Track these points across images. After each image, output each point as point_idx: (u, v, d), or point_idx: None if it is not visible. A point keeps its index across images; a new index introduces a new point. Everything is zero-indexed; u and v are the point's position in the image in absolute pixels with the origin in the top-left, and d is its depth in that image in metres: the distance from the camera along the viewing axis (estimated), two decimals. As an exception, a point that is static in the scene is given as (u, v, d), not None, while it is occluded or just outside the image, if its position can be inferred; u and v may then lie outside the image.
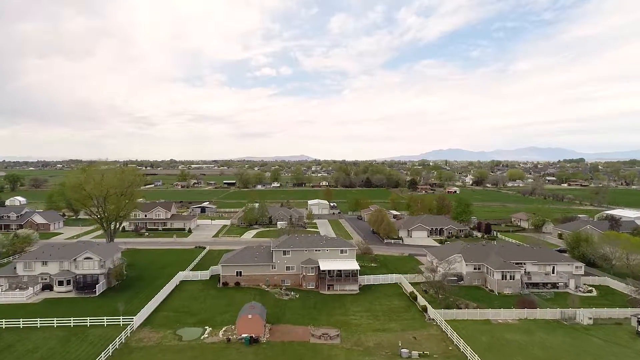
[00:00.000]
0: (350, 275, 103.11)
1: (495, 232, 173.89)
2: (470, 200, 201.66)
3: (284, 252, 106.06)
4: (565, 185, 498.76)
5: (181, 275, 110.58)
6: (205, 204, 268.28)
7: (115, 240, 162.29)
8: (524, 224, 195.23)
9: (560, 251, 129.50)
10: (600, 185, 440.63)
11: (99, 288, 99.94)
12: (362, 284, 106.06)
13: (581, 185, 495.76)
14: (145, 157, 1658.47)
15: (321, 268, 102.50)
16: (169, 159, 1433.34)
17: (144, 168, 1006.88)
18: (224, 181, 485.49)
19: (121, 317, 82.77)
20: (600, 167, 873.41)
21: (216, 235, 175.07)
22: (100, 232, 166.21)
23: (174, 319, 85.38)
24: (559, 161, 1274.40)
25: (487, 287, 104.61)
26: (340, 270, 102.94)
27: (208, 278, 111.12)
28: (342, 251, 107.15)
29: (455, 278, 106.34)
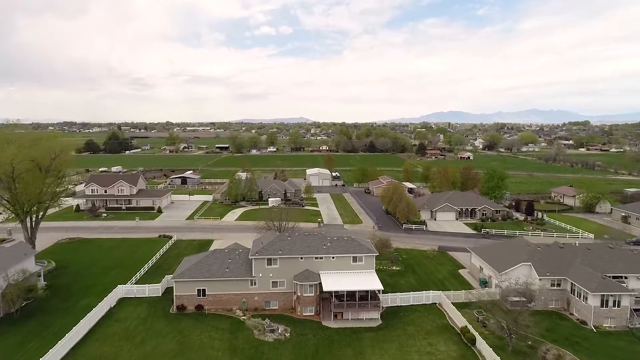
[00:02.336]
0: (368, 298, 68.60)
1: (540, 214, 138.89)
2: (495, 169, 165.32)
3: (269, 262, 71.11)
4: (584, 149, 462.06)
5: (121, 291, 76.07)
6: (188, 173, 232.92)
7: (63, 224, 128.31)
8: (568, 201, 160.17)
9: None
10: (627, 149, 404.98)
11: (-15, 318, 65.55)
12: (385, 305, 71.79)
13: (601, 149, 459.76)
14: (142, 120, 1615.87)
15: (324, 287, 67.72)
16: (165, 121, 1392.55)
17: (137, 130, 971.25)
18: (217, 145, 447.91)
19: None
20: (606, 129, 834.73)
21: (191, 217, 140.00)
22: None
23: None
24: (564, 124, 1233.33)
25: (572, 315, 70.13)
26: (353, 292, 68.44)
27: (160, 294, 76.65)
28: (355, 259, 72.18)
29: (523, 298, 71.80)
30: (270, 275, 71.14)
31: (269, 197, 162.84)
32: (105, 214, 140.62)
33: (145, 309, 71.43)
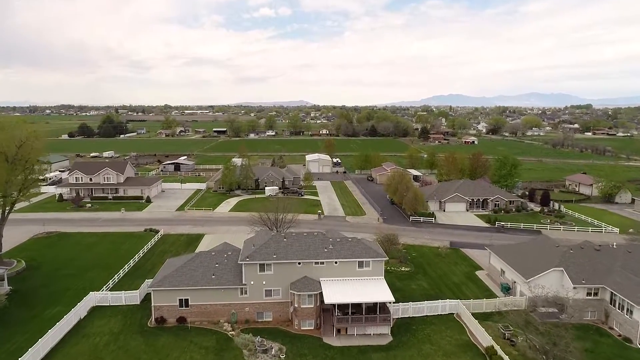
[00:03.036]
0: (376, 310, 59.13)
1: (556, 204, 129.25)
2: (507, 156, 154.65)
3: (262, 267, 61.44)
4: (590, 134, 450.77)
5: (94, 299, 66.60)
6: (182, 159, 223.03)
7: (43, 215, 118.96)
8: (585, 190, 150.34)
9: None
10: (635, 134, 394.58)
11: None
12: (397, 316, 62.36)
13: (607, 134, 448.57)
14: (140, 102, 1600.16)
15: (326, 299, 58.18)
16: (163, 104, 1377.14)
17: (135, 114, 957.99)
18: (214, 129, 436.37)
19: None
20: (609, 112, 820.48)
21: (182, 208, 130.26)
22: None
23: None
24: (566, 107, 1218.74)
25: (613, 330, 60.74)
26: (359, 304, 58.96)
27: (138, 302, 67.21)
28: (361, 264, 62.53)
29: (554, 309, 62.45)
30: (263, 283, 61.58)
31: (265, 186, 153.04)
32: (89, 204, 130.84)
33: (119, 321, 62.00)
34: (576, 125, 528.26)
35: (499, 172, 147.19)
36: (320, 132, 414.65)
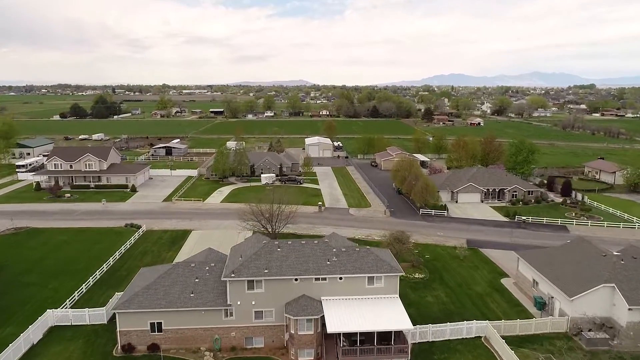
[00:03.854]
0: (390, 338, 48.41)
1: (579, 195, 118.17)
2: (523, 140, 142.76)
3: (251, 285, 50.57)
4: (598, 115, 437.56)
5: (52, 318, 55.94)
6: (175, 142, 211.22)
7: (16, 207, 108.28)
8: (607, 178, 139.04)
9: None
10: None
11: None
12: (414, 341, 51.70)
13: (616, 115, 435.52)
14: (139, 82, 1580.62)
15: (329, 327, 47.37)
16: (161, 84, 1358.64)
17: (132, 93, 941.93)
18: (211, 109, 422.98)
19: None
20: (613, 92, 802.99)
21: (169, 198, 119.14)
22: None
23: None
24: (569, 87, 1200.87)
25: (677, 361, 50.10)
26: (370, 333, 48.21)
27: (105, 321, 56.53)
28: (372, 280, 51.68)
29: (604, 335, 51.83)
30: (253, 303, 50.82)
31: (261, 173, 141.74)
32: (68, 194, 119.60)
33: (79, 348, 51.46)
34: (583, 106, 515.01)
35: (514, 158, 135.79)
36: (321, 113, 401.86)
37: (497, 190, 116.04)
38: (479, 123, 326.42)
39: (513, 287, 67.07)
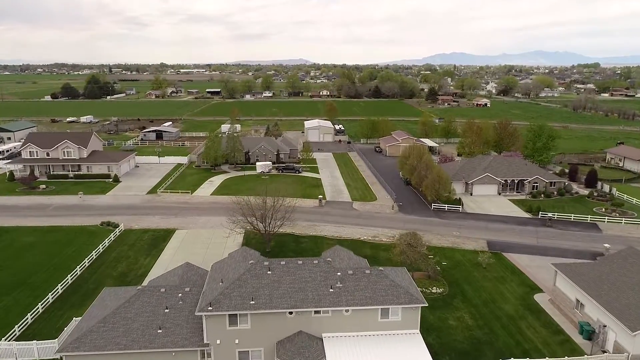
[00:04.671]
0: (411, 391, 38.00)
1: (606, 185, 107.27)
2: (542, 125, 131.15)
3: (233, 319, 39.96)
4: (607, 95, 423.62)
5: (-9, 353, 45.62)
6: (167, 125, 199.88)
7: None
8: (632, 166, 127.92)
9: None
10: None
11: None
12: (435, 386, 41.35)
13: (626, 95, 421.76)
14: (137, 61, 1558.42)
15: (333, 376, 36.94)
16: (159, 63, 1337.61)
17: (129, 73, 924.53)
18: (207, 90, 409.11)
19: None
20: (618, 71, 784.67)
21: (155, 190, 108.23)
22: None
23: None
24: (573, 66, 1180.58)
25: None
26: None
27: (57, 358, 46.10)
28: (386, 312, 41.07)
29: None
30: (236, 342, 40.33)
31: (257, 160, 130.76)
32: (44, 185, 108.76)
33: (20, 396, 41.14)
34: (590, 86, 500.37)
35: (531, 144, 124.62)
36: (321, 93, 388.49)
37: (515, 181, 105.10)
38: (486, 104, 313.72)
39: (550, 307, 56.52)
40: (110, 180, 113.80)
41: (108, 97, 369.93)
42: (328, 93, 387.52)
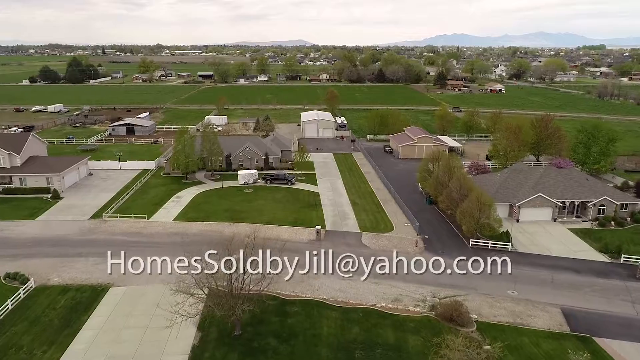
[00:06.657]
0: None
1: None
2: (598, 123, 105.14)
3: None
4: (626, 79, 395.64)
5: None
6: (143, 116, 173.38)
7: None
8: None
9: None
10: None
11: None
12: None
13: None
14: (133, 42, 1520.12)
15: None
16: (155, 44, 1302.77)
17: (123, 54, 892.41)
18: (198, 73, 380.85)
19: None
20: (627, 54, 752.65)
21: (101, 212, 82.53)
22: None
23: None
24: (578, 47, 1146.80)
25: None
26: None
27: None
28: None
29: None
30: None
31: (240, 166, 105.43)
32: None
33: None
34: (604, 69, 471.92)
35: (582, 148, 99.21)
36: (320, 77, 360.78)
37: (575, 203, 79.87)
38: (500, 90, 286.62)
39: None
40: (49, 196, 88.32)
41: (91, 82, 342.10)
42: (328, 77, 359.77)
